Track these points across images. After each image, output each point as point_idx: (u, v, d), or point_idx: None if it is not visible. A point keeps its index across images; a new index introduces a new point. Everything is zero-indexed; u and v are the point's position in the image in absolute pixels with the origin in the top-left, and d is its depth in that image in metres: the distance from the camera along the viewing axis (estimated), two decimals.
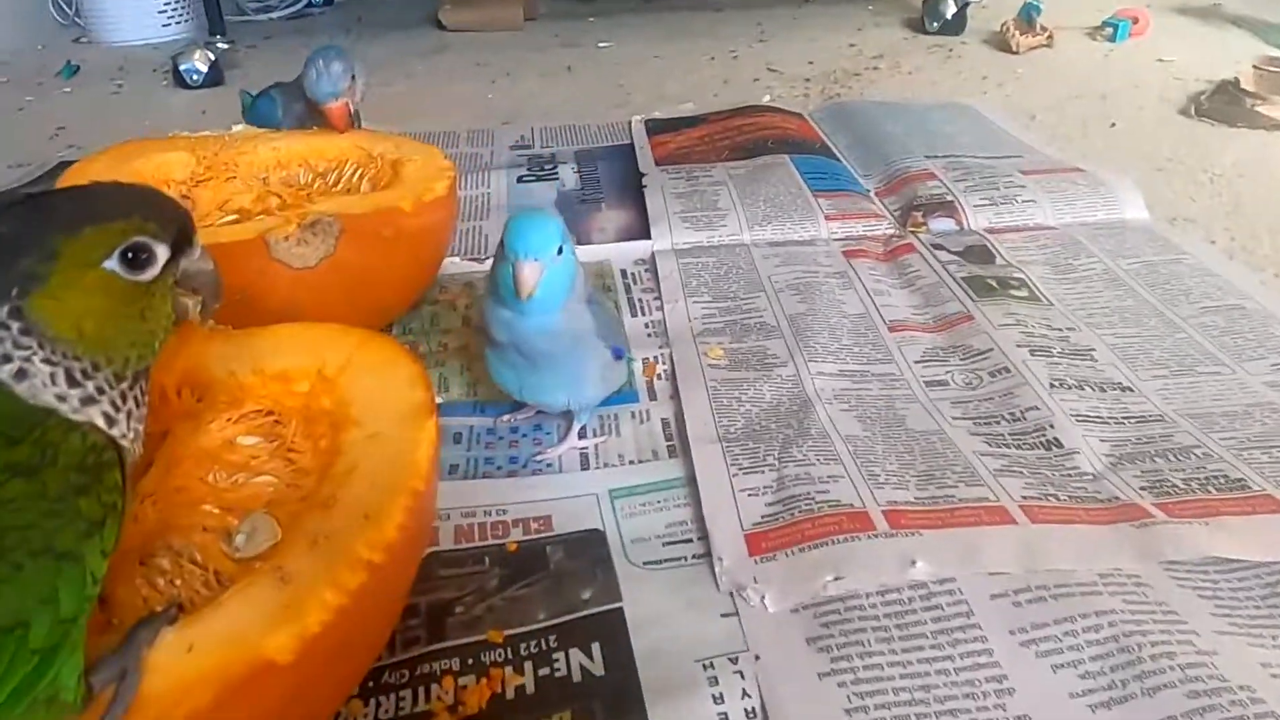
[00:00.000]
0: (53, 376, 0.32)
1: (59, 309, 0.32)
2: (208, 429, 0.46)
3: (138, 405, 0.35)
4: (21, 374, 0.31)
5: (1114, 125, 1.23)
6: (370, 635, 0.42)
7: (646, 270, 0.86)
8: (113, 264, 0.33)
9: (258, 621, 0.35)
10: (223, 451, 0.45)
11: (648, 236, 0.91)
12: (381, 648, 0.45)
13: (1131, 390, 0.66)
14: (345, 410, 0.45)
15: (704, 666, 0.45)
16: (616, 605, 0.49)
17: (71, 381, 0.32)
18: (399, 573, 0.42)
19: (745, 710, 0.43)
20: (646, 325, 0.77)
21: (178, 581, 0.39)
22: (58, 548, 0.29)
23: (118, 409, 0.33)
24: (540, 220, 0.54)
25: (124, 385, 0.34)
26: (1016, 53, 1.58)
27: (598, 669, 0.45)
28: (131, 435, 0.34)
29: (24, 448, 0.29)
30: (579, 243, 0.92)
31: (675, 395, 0.67)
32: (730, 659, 0.45)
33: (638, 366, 0.71)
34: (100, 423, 0.33)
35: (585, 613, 0.49)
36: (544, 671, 0.45)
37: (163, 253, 0.35)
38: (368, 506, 0.39)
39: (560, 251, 0.54)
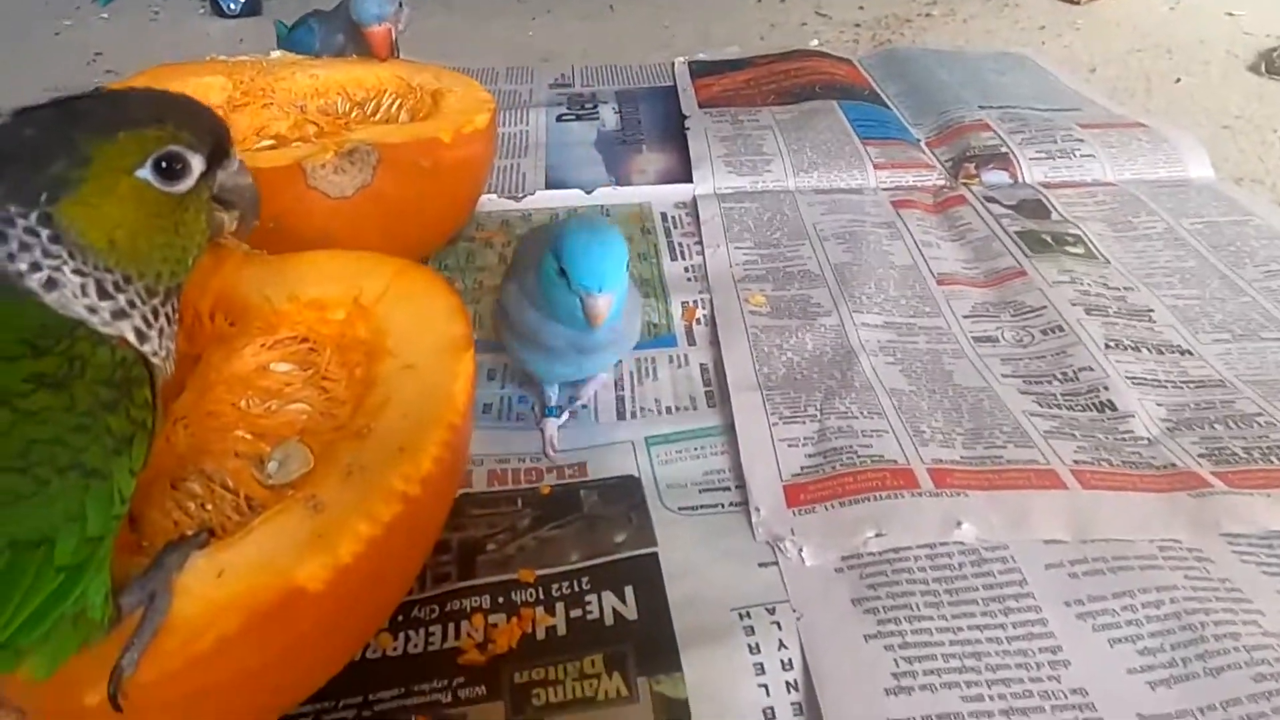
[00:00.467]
0: (83, 287, 0.30)
1: (91, 217, 0.30)
2: (241, 354, 0.44)
3: (169, 323, 0.34)
4: (51, 283, 0.30)
5: (1179, 81, 1.18)
6: (402, 568, 0.41)
7: (687, 214, 0.84)
8: (145, 173, 0.32)
9: (289, 549, 0.34)
10: (256, 377, 0.44)
11: (689, 180, 0.88)
12: (412, 581, 0.45)
13: (1191, 354, 0.63)
14: (381, 340, 0.44)
15: (740, 616, 0.44)
16: (651, 550, 0.48)
17: (102, 293, 0.31)
18: (433, 507, 0.41)
19: (782, 661, 0.42)
20: (686, 270, 0.75)
21: (209, 506, 0.39)
22: (86, 464, 0.28)
23: (149, 325, 0.32)
24: (608, 244, 0.47)
25: (156, 301, 0.33)
26: (1077, 2, 1.52)
27: (630, 613, 0.45)
28: (163, 353, 0.33)
29: (52, 359, 0.28)
30: (618, 184, 0.91)
31: (714, 342, 0.65)
32: (768, 609, 0.44)
33: (676, 310, 0.69)
34: (131, 338, 0.32)
35: (619, 556, 0.48)
36: (575, 613, 0.45)
37: (198, 164, 0.34)
38: (403, 439, 0.38)
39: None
